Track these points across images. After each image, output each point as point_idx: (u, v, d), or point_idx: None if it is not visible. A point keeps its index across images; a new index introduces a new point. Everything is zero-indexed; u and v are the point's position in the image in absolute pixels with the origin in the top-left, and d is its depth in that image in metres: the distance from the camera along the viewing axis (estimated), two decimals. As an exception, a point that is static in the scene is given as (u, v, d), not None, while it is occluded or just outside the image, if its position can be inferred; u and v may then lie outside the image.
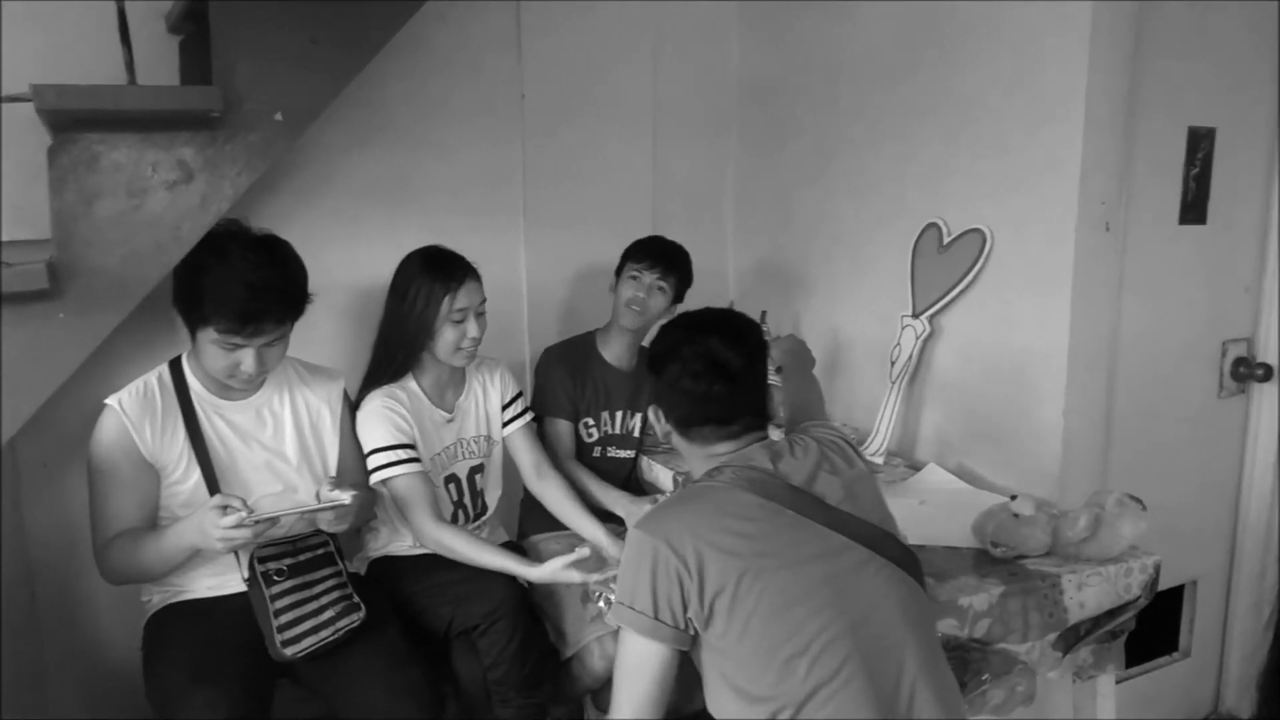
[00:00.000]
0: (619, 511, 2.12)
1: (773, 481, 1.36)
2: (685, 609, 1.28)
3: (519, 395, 2.16)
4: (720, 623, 1.26)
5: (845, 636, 1.24)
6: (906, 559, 1.37)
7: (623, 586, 1.33)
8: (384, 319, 1.98)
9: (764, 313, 2.62)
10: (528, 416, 2.16)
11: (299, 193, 2.24)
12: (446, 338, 1.91)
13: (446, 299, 1.89)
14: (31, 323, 1.50)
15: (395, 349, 1.95)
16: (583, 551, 1.77)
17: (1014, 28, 1.95)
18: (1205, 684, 2.45)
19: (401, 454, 1.88)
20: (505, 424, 2.13)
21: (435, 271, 1.91)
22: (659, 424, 1.53)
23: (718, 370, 1.42)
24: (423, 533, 1.89)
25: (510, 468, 2.18)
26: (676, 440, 1.52)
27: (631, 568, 1.32)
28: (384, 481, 1.89)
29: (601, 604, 1.88)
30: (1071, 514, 1.72)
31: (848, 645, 1.23)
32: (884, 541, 1.36)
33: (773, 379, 1.89)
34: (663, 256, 2.27)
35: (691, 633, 1.30)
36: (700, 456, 1.48)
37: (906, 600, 1.32)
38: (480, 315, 1.95)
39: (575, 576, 1.76)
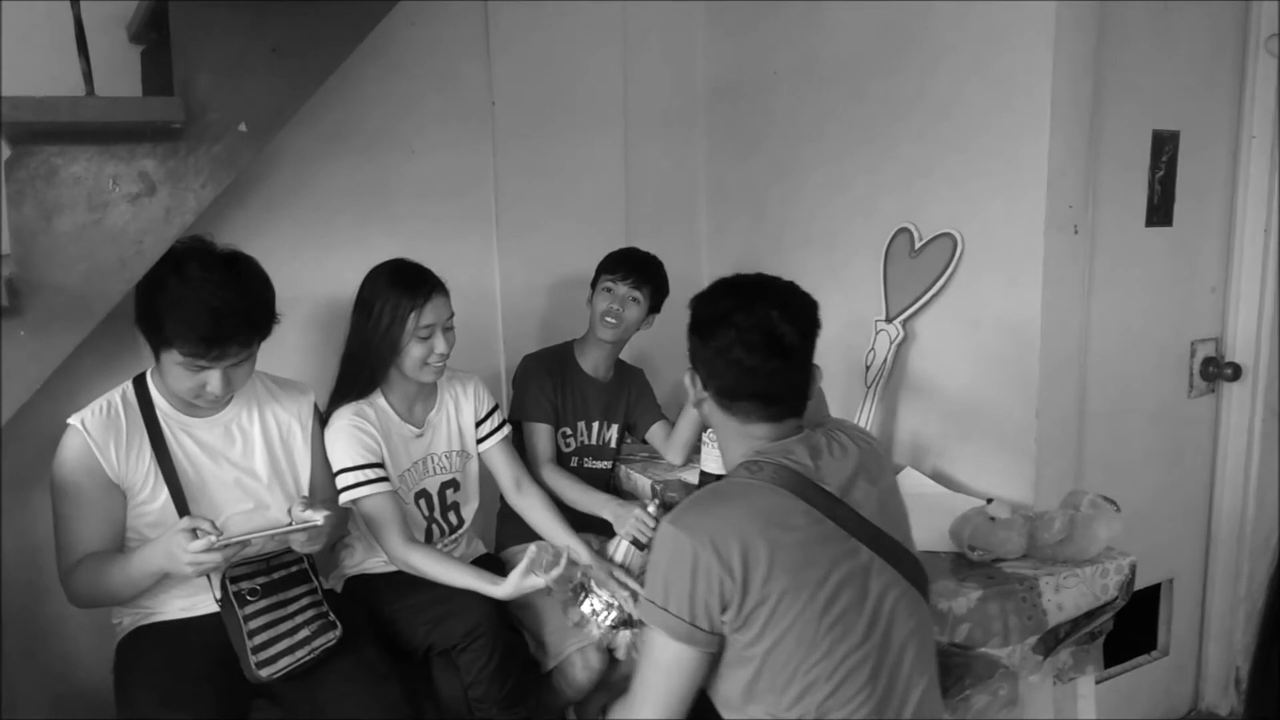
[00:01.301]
0: (605, 515, 2.08)
1: (814, 487, 1.30)
2: (723, 613, 1.23)
3: (494, 409, 2.13)
4: (751, 633, 1.23)
5: (867, 664, 1.23)
6: (922, 581, 1.35)
7: (655, 587, 1.27)
8: (350, 334, 1.94)
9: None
10: (504, 430, 2.13)
11: (266, 203, 2.21)
12: (413, 354, 1.89)
13: (413, 315, 1.86)
14: (-10, 341, 1.46)
15: (362, 365, 1.92)
16: (531, 552, 1.75)
17: (979, 32, 1.96)
18: (1184, 681, 2.47)
19: (370, 474, 1.86)
20: (482, 439, 2.11)
21: (401, 287, 1.88)
22: (693, 389, 1.43)
23: (774, 345, 1.32)
24: (392, 554, 1.87)
25: (487, 481, 2.16)
26: (710, 410, 1.42)
27: (667, 568, 1.25)
28: (353, 501, 1.86)
29: (585, 610, 1.87)
30: (1047, 516, 1.72)
31: (868, 672, 1.23)
32: (908, 563, 1.33)
33: None
34: (635, 267, 2.26)
35: (721, 635, 1.26)
36: (734, 433, 1.40)
37: (922, 626, 1.32)
38: (448, 330, 1.93)
39: (538, 583, 1.74)
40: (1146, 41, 2.00)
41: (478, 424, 2.10)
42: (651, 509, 1.96)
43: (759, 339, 1.32)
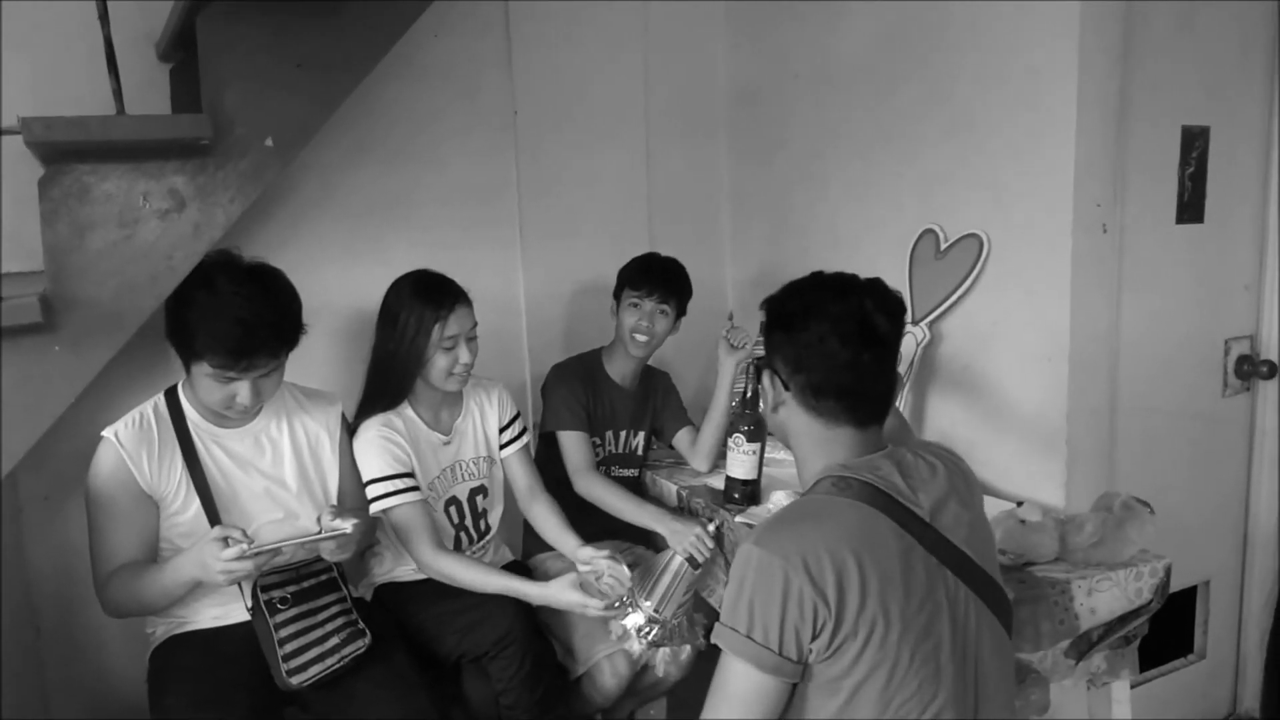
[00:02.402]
0: (659, 529, 2.01)
1: (904, 509, 1.21)
2: (813, 640, 1.14)
3: (517, 416, 2.14)
4: (842, 665, 1.14)
5: (957, 699, 1.17)
6: (1003, 610, 1.28)
7: (737, 612, 1.17)
8: (375, 345, 1.96)
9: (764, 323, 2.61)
10: (525, 439, 2.14)
11: (293, 217, 2.24)
12: (438, 364, 1.90)
13: (437, 326, 1.88)
14: (26, 356, 1.49)
15: (388, 376, 1.93)
16: (588, 579, 1.75)
17: (1004, 32, 1.95)
18: (1222, 685, 2.42)
19: (399, 484, 1.87)
20: (502, 446, 2.12)
21: (425, 298, 1.89)
22: (773, 390, 1.34)
23: (870, 336, 1.25)
24: (423, 562, 1.88)
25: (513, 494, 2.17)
26: (790, 414, 1.33)
27: (752, 592, 1.16)
28: (384, 511, 1.88)
29: (629, 624, 1.84)
30: (1079, 519, 1.70)
31: (955, 710, 1.17)
32: (993, 593, 1.26)
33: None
34: (661, 281, 2.24)
35: (806, 664, 1.17)
36: (816, 441, 1.31)
37: (1006, 661, 1.27)
38: (472, 340, 1.94)
39: (575, 599, 1.74)
40: (1174, 36, 1.97)
41: (500, 430, 2.11)
42: (711, 528, 1.93)
43: (854, 329, 1.25)
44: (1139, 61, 1.91)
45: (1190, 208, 2.08)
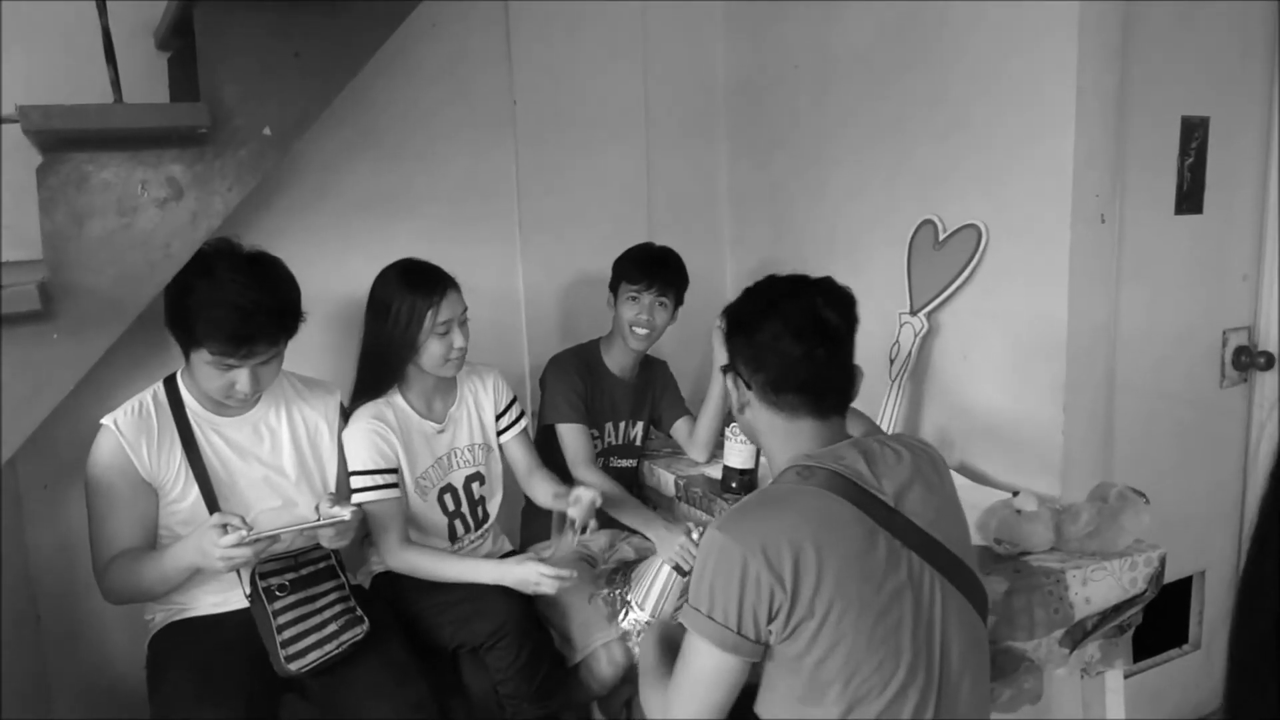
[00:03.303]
0: (649, 534, 2.03)
1: (867, 494, 1.25)
2: (770, 622, 1.20)
3: (513, 402, 2.15)
4: (800, 645, 1.19)
5: (918, 678, 1.20)
6: (976, 594, 1.31)
7: (699, 593, 1.23)
8: (366, 337, 1.96)
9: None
10: (523, 423, 2.15)
11: (291, 207, 2.24)
12: (433, 351, 1.91)
13: (430, 313, 1.88)
14: (25, 344, 1.50)
15: (380, 365, 1.94)
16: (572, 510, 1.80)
17: (1003, 22, 1.94)
18: (1215, 676, 2.43)
19: (380, 479, 1.89)
20: (501, 431, 2.12)
21: (415, 286, 1.89)
22: (738, 391, 1.40)
23: (822, 330, 1.32)
24: (388, 554, 1.91)
25: (511, 474, 2.17)
26: (755, 411, 1.38)
27: (714, 575, 1.21)
28: (359, 503, 1.88)
29: (626, 626, 1.87)
30: (1074, 509, 1.71)
31: (920, 686, 1.20)
32: (963, 575, 1.29)
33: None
34: (659, 274, 2.24)
35: (766, 644, 1.23)
36: (781, 434, 1.36)
37: (976, 641, 1.28)
38: (463, 324, 1.95)
39: (527, 573, 1.79)
40: (1175, 27, 1.97)
41: (497, 417, 2.12)
42: (696, 535, 1.93)
43: (807, 324, 1.32)
44: (1139, 52, 1.90)
45: (1189, 198, 2.08)
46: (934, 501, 1.30)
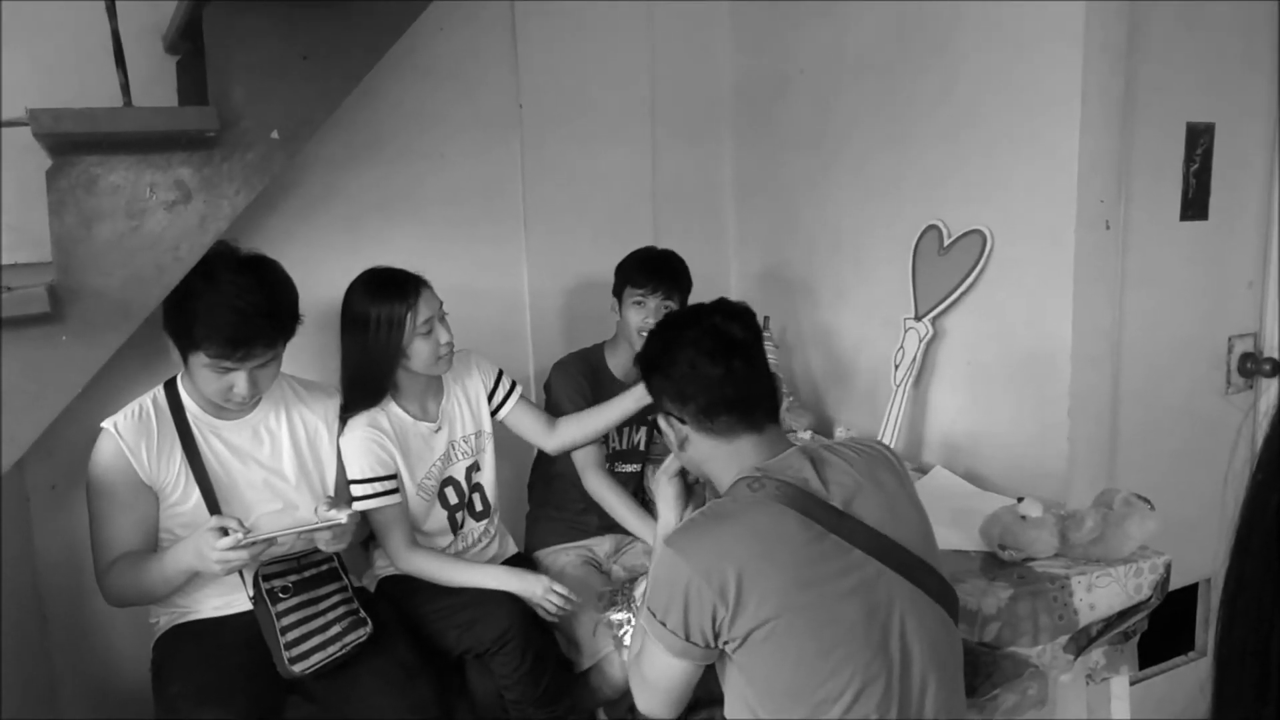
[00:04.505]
0: (648, 540, 2.06)
1: (816, 501, 1.27)
2: (717, 636, 1.23)
3: (500, 374, 2.14)
4: (754, 653, 1.22)
5: (880, 679, 1.20)
6: (943, 592, 1.31)
7: (655, 597, 1.27)
8: (346, 353, 1.93)
9: (766, 319, 2.62)
10: (518, 389, 2.15)
11: (298, 210, 2.25)
12: (422, 352, 1.90)
13: (409, 316, 1.87)
14: (34, 346, 1.50)
15: (369, 379, 1.92)
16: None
17: (1009, 28, 1.95)
18: (1220, 683, 2.42)
19: (381, 485, 1.89)
20: (499, 407, 2.11)
21: (389, 293, 1.88)
22: (673, 430, 1.42)
23: (731, 346, 1.36)
24: (397, 557, 1.92)
25: (504, 458, 2.16)
26: (696, 444, 1.40)
27: (664, 586, 1.26)
28: (362, 511, 1.89)
29: (613, 620, 1.86)
30: (1079, 515, 1.70)
31: (881, 688, 1.20)
32: (922, 573, 1.29)
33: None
34: (664, 277, 2.23)
35: (721, 649, 1.26)
36: (724, 455, 1.38)
37: (939, 638, 1.28)
38: (443, 319, 1.94)
39: (536, 591, 1.84)
40: (1180, 33, 1.97)
41: (490, 395, 2.11)
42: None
43: (716, 344, 1.36)
44: (1144, 58, 1.90)
45: (1194, 205, 2.07)
46: (887, 502, 1.31)
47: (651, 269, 2.25)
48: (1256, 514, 0.44)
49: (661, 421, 1.45)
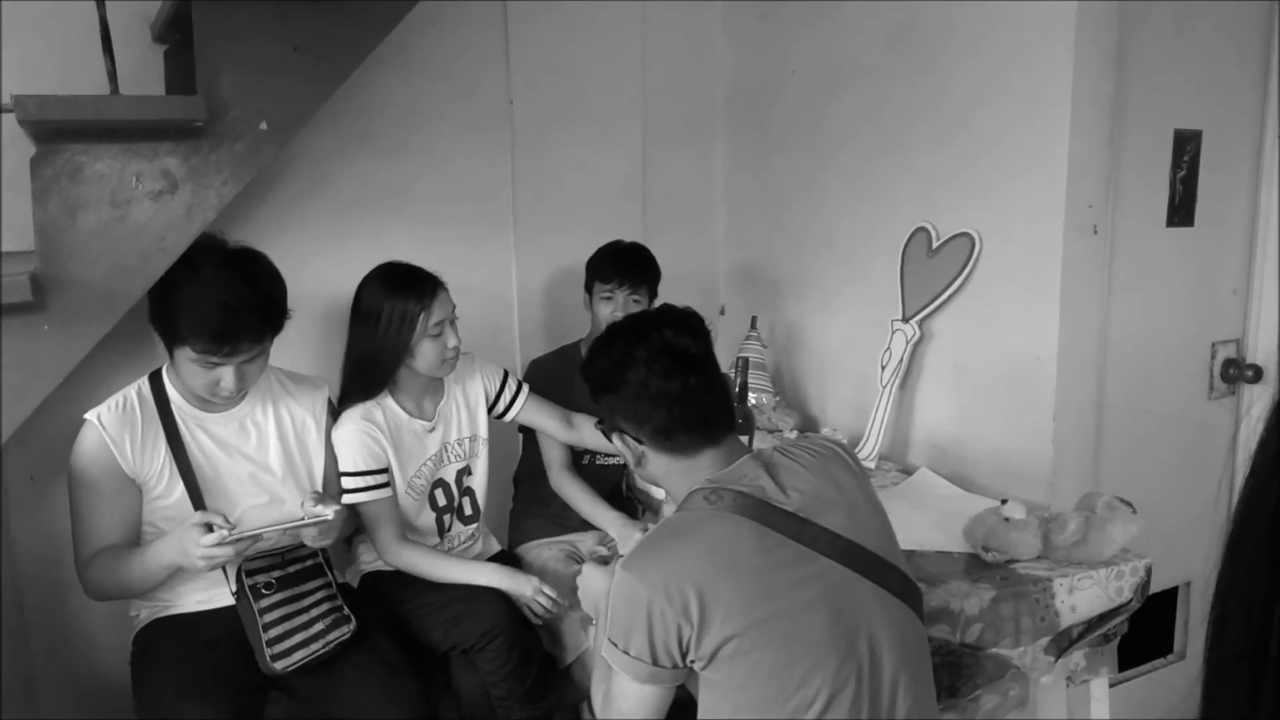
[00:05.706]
0: (610, 530, 2.09)
1: (774, 510, 1.24)
2: (684, 656, 1.20)
3: (506, 375, 2.13)
4: (723, 669, 1.19)
5: (850, 685, 1.19)
6: (908, 591, 1.30)
7: (615, 628, 1.22)
8: (352, 343, 1.92)
9: (754, 318, 2.62)
10: (525, 389, 2.14)
11: (286, 202, 2.24)
12: (428, 354, 1.89)
13: (422, 316, 1.86)
14: (15, 336, 1.49)
15: (370, 371, 1.91)
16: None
17: (1000, 33, 1.95)
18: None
19: (372, 479, 1.89)
20: (508, 408, 2.11)
21: (405, 291, 1.87)
22: (629, 449, 1.38)
23: (685, 361, 1.31)
24: (386, 551, 1.92)
25: (495, 465, 2.16)
26: (653, 462, 1.37)
27: (624, 613, 1.21)
28: (352, 504, 1.88)
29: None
30: (1062, 517, 1.71)
31: (852, 694, 1.19)
32: (886, 573, 1.27)
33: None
34: (631, 272, 2.23)
35: (689, 667, 1.23)
36: (681, 472, 1.35)
37: (905, 636, 1.27)
38: (454, 324, 1.93)
39: (538, 607, 1.85)
40: (1169, 40, 1.98)
41: (497, 397, 2.10)
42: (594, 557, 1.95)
43: (668, 362, 1.31)
44: (1133, 64, 1.91)
45: (1181, 211, 2.09)
46: (846, 503, 1.29)
47: (618, 263, 2.25)
48: (1249, 517, 0.45)
49: (616, 440, 1.40)
